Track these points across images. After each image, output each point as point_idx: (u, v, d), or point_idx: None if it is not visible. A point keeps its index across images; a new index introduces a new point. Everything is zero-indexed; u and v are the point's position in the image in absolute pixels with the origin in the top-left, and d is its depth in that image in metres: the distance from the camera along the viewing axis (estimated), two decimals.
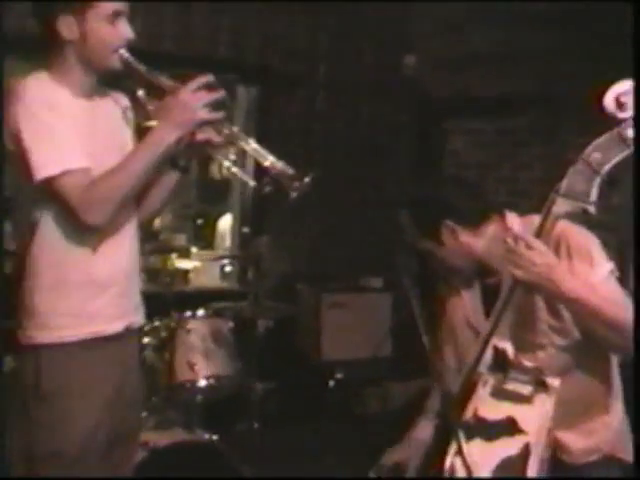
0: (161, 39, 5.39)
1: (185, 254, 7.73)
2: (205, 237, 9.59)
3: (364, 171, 6.15)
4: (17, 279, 2.73)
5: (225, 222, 8.84)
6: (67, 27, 2.62)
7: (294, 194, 2.62)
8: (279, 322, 4.69)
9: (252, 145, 2.68)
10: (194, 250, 8.17)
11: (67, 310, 2.66)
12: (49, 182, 2.54)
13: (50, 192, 2.57)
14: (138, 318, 2.88)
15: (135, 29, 4.89)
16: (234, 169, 2.77)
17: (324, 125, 6.12)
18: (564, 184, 2.34)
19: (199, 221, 10.32)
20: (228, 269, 6.08)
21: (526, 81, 5.45)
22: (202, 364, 3.98)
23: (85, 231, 2.61)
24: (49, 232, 2.64)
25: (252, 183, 2.76)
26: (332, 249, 6.00)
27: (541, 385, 2.47)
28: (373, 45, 6.29)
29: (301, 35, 6.03)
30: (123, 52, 2.66)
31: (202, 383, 3.99)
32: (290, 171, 2.65)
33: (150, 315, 4.16)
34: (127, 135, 2.88)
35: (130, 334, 2.82)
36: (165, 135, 2.60)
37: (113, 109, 2.84)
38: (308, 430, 4.94)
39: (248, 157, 2.73)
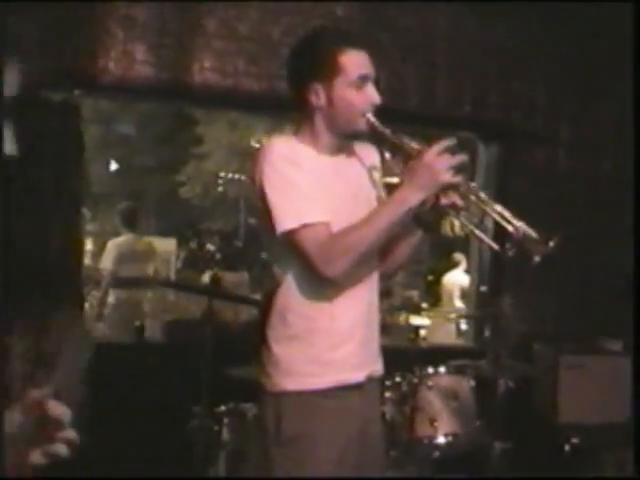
0: (404, 98, 5.51)
1: (419, 311, 7.80)
2: (435, 293, 9.64)
3: (605, 229, 6.02)
4: (260, 328, 2.85)
5: (451, 278, 8.86)
6: (316, 94, 2.74)
7: (537, 259, 2.61)
8: (518, 382, 4.63)
9: (496, 208, 2.68)
10: (426, 306, 8.24)
11: (312, 358, 2.73)
12: (289, 235, 2.64)
13: (291, 245, 2.67)
14: (378, 367, 2.91)
15: (378, 87, 5.03)
16: (477, 232, 2.76)
17: (566, 183, 6.04)
18: None
19: (430, 277, 10.41)
20: (464, 327, 6.07)
21: None
22: (442, 421, 4.00)
23: (324, 283, 2.69)
24: (296, 283, 2.74)
25: (495, 247, 2.74)
26: (570, 309, 5.89)
27: None
28: (612, 100, 6.18)
29: (542, 92, 6.00)
30: (370, 116, 2.73)
31: (441, 440, 4.01)
32: (534, 235, 2.63)
33: (388, 370, 4.24)
34: (371, 193, 2.92)
35: (371, 384, 2.86)
36: (409, 196, 2.64)
37: (358, 167, 2.91)
38: None
39: (488, 218, 2.73)
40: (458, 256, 9.64)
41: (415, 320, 5.79)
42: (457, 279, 9.52)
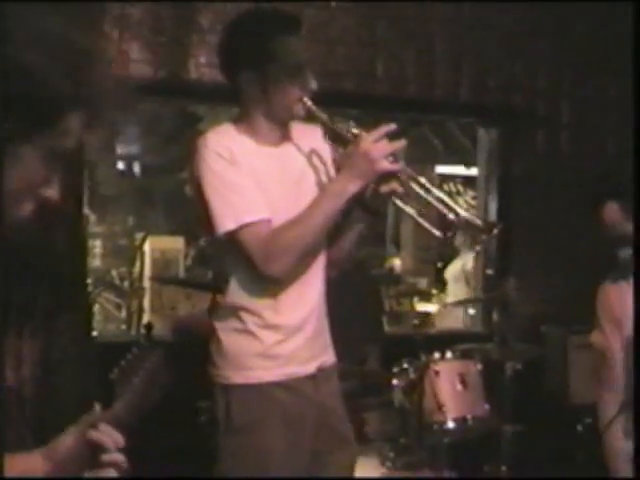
0: (403, 84, 5.49)
1: (426, 297, 7.80)
2: (445, 280, 9.62)
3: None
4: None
5: (456, 264, 8.88)
6: (248, 82, 2.65)
7: (478, 247, 2.61)
8: (527, 364, 4.63)
9: (437, 195, 2.61)
10: (434, 292, 8.24)
11: (260, 353, 2.72)
12: (229, 236, 2.61)
13: (233, 245, 2.63)
14: (329, 357, 2.89)
15: (377, 73, 5.01)
16: (419, 219, 2.70)
17: (569, 165, 6.00)
18: None
19: (439, 264, 10.38)
20: (472, 312, 6.06)
21: None
22: (451, 406, 4.00)
23: (267, 282, 2.66)
24: (242, 281, 2.71)
25: (437, 234, 2.69)
26: (578, 290, 5.86)
27: None
28: (617, 79, 6.14)
29: (542, 74, 5.96)
30: (306, 101, 2.66)
31: (450, 425, 4.00)
32: (478, 222, 2.60)
33: (397, 357, 4.24)
34: (314, 178, 2.83)
35: (325, 374, 2.84)
36: (347, 186, 2.59)
37: (302, 153, 2.82)
38: (556, 474, 4.83)
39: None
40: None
41: (424, 307, 5.78)
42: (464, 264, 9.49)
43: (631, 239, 2.99)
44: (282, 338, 2.73)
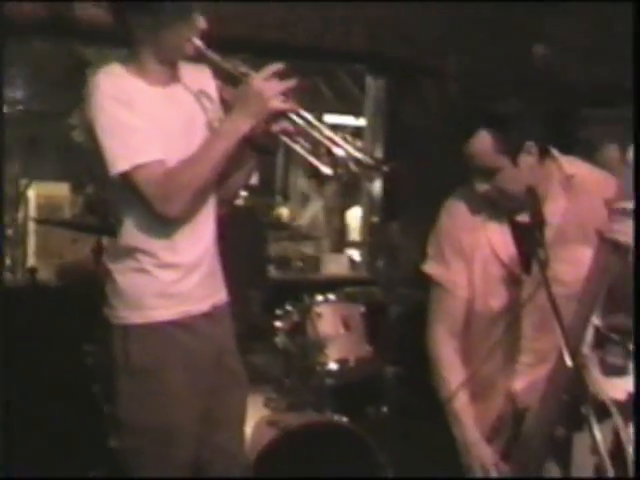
0: (295, 31, 5.47)
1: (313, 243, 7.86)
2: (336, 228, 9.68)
3: None
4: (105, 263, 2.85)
5: (353, 214, 8.97)
6: (139, 24, 2.65)
7: (369, 183, 2.64)
8: (411, 309, 4.71)
9: (326, 133, 2.66)
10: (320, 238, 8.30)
11: (158, 292, 2.74)
12: (123, 177, 2.61)
13: (127, 186, 2.64)
14: (222, 296, 2.93)
15: (268, 20, 4.95)
16: (310, 157, 2.73)
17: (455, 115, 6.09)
18: None
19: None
20: (357, 258, 6.13)
21: None
22: (333, 347, 4.05)
23: (162, 223, 2.68)
24: (137, 222, 2.71)
25: (329, 172, 2.72)
26: None
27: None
28: (503, 35, 6.23)
29: (432, 26, 6.02)
30: (195, 40, 2.67)
31: (333, 366, 4.06)
32: (368, 160, 2.66)
33: (282, 300, 4.27)
34: (202, 118, 2.85)
35: (220, 313, 2.88)
36: (239, 125, 2.63)
37: (191, 93, 2.84)
38: (434, 416, 4.94)
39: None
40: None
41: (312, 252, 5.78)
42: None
43: (496, 173, 2.73)
44: (179, 277, 2.75)
